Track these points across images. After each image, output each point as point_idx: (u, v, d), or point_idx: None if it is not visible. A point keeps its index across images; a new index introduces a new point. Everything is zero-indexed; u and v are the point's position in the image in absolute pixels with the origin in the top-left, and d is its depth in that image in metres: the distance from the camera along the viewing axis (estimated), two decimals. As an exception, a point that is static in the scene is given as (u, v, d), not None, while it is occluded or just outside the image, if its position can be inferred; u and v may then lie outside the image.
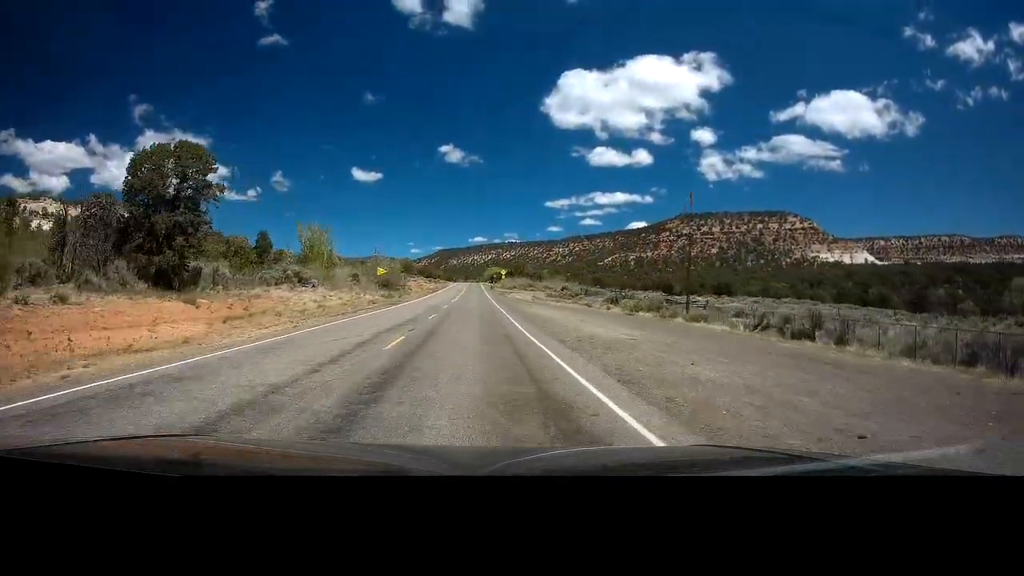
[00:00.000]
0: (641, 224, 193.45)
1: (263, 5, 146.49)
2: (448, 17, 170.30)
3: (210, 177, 24.40)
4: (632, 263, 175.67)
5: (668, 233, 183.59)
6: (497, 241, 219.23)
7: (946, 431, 5.21)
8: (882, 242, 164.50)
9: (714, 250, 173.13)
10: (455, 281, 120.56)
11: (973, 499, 0.88)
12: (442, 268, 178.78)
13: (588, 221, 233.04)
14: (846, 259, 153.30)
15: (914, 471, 1.25)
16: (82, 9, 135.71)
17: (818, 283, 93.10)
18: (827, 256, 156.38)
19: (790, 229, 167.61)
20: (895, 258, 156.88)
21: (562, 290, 58.90)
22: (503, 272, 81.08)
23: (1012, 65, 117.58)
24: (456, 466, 1.36)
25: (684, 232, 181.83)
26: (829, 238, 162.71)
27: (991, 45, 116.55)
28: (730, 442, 4.31)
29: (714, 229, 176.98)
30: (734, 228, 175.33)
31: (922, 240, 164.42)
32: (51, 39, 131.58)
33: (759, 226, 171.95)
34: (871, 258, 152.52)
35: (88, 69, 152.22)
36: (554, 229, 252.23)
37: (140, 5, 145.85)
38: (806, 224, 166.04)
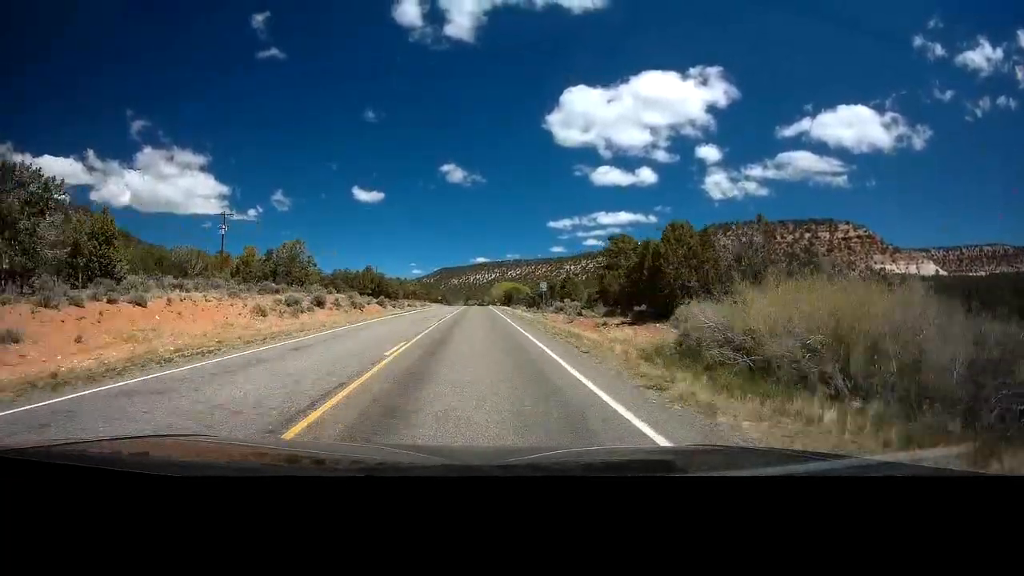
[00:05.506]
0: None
1: (260, 18, 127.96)
2: (450, 31, 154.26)
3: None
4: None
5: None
6: (499, 260, 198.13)
7: None
8: (922, 253, 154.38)
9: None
10: (447, 303, 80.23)
11: (973, 499, 0.87)
12: (443, 287, 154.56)
13: (591, 241, 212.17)
14: (912, 269, 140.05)
15: (915, 471, 1.23)
16: (81, 24, 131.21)
17: None
18: (892, 267, 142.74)
19: (843, 238, 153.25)
20: (939, 268, 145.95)
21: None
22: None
23: (1021, 73, 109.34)
24: (459, 466, 1.34)
25: (721, 243, 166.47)
26: (890, 248, 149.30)
27: (999, 53, 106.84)
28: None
29: (755, 240, 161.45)
30: (779, 238, 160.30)
31: (963, 251, 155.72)
32: (49, 54, 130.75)
33: (807, 235, 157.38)
34: (941, 270, 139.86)
35: (86, 84, 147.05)
36: (557, 249, 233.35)
37: (138, 20, 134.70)
38: (861, 232, 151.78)
